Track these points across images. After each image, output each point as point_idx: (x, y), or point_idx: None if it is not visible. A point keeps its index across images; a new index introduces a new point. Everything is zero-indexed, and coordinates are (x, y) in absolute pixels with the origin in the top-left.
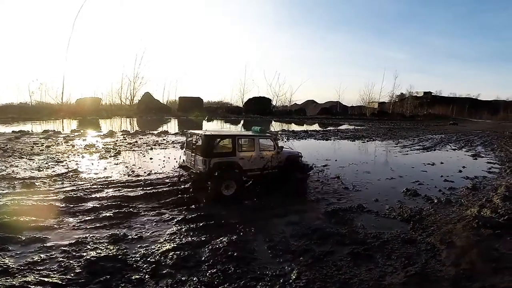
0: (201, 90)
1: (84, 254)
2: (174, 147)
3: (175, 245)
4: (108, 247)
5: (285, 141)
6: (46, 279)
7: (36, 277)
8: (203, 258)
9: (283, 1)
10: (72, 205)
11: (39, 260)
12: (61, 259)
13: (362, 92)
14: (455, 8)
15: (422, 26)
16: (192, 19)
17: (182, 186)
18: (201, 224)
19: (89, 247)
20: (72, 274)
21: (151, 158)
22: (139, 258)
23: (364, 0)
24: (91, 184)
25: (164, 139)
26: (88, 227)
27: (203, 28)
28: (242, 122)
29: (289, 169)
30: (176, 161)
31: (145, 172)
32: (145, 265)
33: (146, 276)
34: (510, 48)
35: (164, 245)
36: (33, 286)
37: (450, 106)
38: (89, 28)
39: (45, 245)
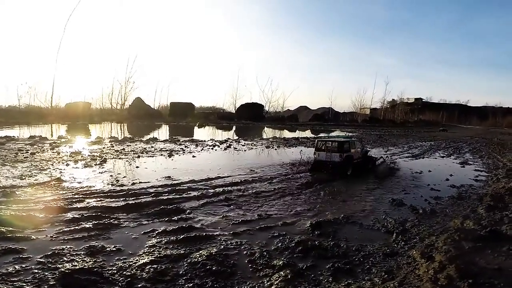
0: (193, 95)
1: (60, 266)
2: (162, 155)
3: (153, 258)
4: (85, 259)
5: (276, 149)
6: None
7: None
8: (180, 272)
9: (277, 7)
10: (51, 216)
11: (13, 272)
12: (36, 270)
13: (353, 98)
14: (445, 15)
15: (413, 32)
16: (184, 23)
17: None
18: (181, 237)
19: (65, 259)
20: (46, 286)
21: (137, 167)
22: (115, 271)
23: (355, 7)
24: (73, 193)
25: (152, 147)
26: (66, 238)
27: (196, 32)
28: (234, 128)
29: (366, 159)
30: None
31: (129, 182)
32: (121, 278)
33: None
34: (499, 55)
35: (142, 257)
36: None
37: (440, 112)
38: (79, 31)
39: (20, 256)
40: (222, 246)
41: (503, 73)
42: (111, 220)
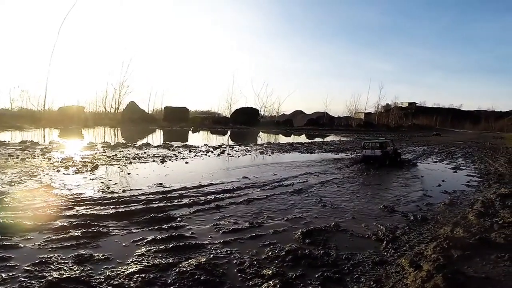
0: (188, 100)
1: (47, 274)
2: (154, 161)
3: (142, 267)
4: (73, 267)
5: (270, 155)
6: None
7: None
8: (168, 281)
9: (272, 12)
10: (40, 223)
11: None
12: (22, 279)
13: (348, 103)
14: (439, 20)
15: (407, 37)
16: (179, 27)
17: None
18: (171, 246)
19: (52, 267)
20: None
21: (129, 173)
22: (103, 280)
23: (350, 12)
24: (62, 201)
25: (144, 152)
26: (54, 246)
27: (191, 36)
28: (228, 133)
29: (396, 154)
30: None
31: (120, 189)
32: None
33: None
34: (491, 60)
35: (130, 266)
36: None
37: (434, 117)
38: (73, 35)
39: (7, 264)
40: (212, 255)
41: (495, 78)
42: (101, 228)
